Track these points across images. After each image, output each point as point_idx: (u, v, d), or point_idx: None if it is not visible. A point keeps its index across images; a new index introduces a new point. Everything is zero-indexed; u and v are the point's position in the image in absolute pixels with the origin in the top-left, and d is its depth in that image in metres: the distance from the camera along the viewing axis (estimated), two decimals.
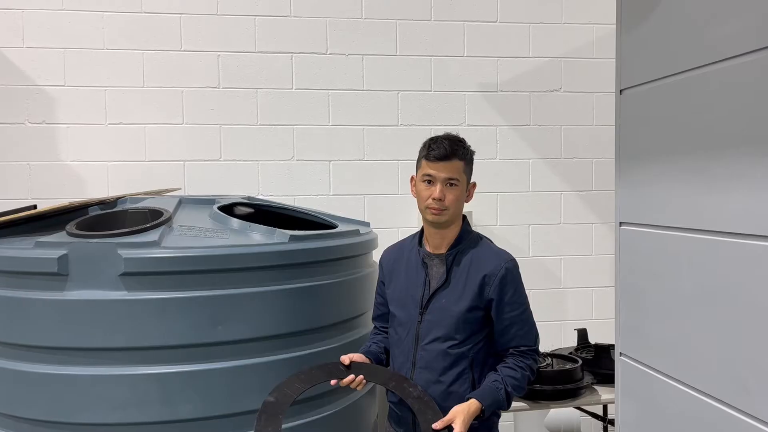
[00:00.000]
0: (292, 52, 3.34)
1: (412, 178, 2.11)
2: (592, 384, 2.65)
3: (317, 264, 2.25)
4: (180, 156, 3.27)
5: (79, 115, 3.19)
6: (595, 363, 2.74)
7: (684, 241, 1.65)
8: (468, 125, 3.46)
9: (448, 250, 2.04)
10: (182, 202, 2.49)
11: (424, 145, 2.05)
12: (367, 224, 2.90)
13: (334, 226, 2.58)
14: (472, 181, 2.09)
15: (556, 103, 3.55)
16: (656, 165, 1.77)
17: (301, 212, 2.74)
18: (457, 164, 2.00)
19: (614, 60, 1.94)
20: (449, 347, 1.98)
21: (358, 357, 2.04)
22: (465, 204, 2.07)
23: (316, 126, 3.37)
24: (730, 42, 1.46)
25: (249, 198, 2.80)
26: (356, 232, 2.55)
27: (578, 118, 3.57)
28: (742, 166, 1.43)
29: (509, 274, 2.00)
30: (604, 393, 2.60)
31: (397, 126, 3.44)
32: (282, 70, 3.33)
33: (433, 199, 1.97)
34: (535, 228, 3.54)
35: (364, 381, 1.99)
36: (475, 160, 2.11)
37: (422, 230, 2.12)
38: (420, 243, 2.11)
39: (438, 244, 2.06)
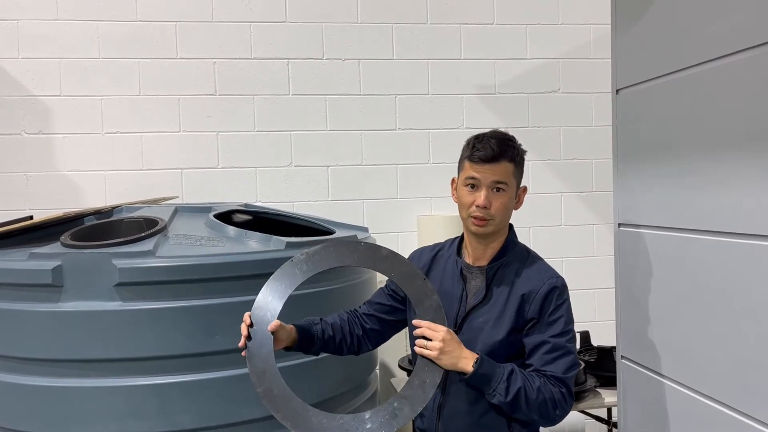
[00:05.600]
0: (288, 58, 3.33)
1: (453, 180, 1.85)
2: (596, 387, 2.62)
3: None
4: (177, 164, 3.26)
5: (75, 125, 3.18)
6: (597, 366, 2.71)
7: (682, 241, 1.63)
8: (466, 128, 3.44)
9: (490, 263, 1.80)
10: (178, 210, 2.47)
11: (468, 143, 1.79)
12: (366, 229, 2.88)
13: (331, 232, 2.56)
14: (522, 185, 1.84)
15: (555, 104, 3.53)
16: (654, 166, 1.75)
17: (298, 218, 2.72)
18: (506, 166, 1.75)
19: None
20: None
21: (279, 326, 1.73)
22: (513, 211, 1.84)
23: (314, 131, 3.36)
24: (723, 40, 1.44)
25: (246, 205, 2.79)
26: (354, 238, 2.53)
27: (577, 118, 3.55)
28: (739, 164, 1.41)
29: (554, 291, 1.72)
30: (607, 396, 2.57)
31: (394, 130, 3.42)
32: (278, 76, 3.32)
33: (477, 206, 1.73)
34: (536, 230, 3.52)
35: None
36: None
37: (462, 237, 1.88)
38: (459, 252, 1.86)
39: (479, 255, 1.81)
